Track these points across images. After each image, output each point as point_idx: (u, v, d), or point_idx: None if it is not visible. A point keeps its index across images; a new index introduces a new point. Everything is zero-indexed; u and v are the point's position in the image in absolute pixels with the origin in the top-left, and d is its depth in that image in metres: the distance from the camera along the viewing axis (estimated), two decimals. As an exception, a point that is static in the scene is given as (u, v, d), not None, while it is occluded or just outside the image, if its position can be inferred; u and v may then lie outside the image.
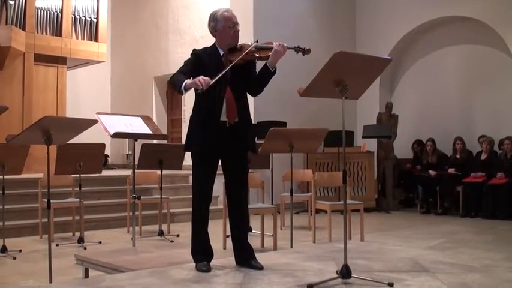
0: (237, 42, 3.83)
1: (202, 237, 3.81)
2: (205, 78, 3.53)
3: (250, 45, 3.75)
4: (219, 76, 3.59)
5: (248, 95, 3.93)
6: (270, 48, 3.71)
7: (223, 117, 3.73)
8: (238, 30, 3.83)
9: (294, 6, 10.36)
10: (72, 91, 11.41)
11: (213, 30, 3.86)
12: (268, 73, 3.75)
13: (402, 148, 10.14)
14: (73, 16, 10.45)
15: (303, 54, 3.84)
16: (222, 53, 3.83)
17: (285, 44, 3.71)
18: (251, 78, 3.83)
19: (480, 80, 9.94)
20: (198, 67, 3.75)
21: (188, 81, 3.61)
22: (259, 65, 3.88)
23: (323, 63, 3.29)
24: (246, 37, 3.97)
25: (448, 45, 10.40)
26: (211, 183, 3.82)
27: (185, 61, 3.87)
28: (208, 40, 3.96)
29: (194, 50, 3.90)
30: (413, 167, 9.83)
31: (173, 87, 3.79)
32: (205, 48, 3.91)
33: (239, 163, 3.85)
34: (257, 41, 3.77)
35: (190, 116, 3.88)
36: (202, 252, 3.77)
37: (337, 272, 3.37)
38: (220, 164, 3.85)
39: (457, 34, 10.22)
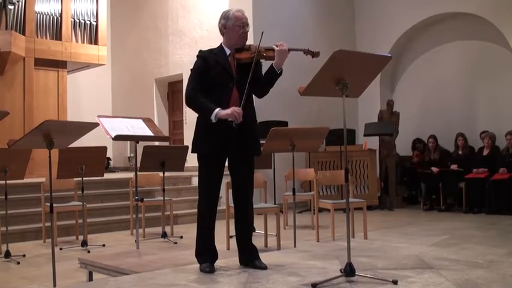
0: (244, 43, 3.83)
1: (207, 239, 3.80)
2: (238, 109, 3.57)
3: (257, 45, 3.74)
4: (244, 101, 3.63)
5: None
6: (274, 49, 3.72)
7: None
8: (247, 32, 3.83)
9: (293, 6, 10.36)
10: (73, 95, 11.41)
11: (223, 28, 3.85)
12: (274, 74, 3.75)
13: (404, 145, 10.13)
14: (73, 20, 10.46)
15: (312, 57, 3.86)
16: (228, 52, 3.82)
17: (285, 44, 3.71)
18: (257, 79, 3.80)
19: (481, 76, 9.93)
20: (205, 71, 3.74)
21: (221, 112, 3.60)
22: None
23: (323, 62, 3.29)
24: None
25: (448, 41, 10.39)
26: (218, 185, 3.81)
27: (192, 69, 3.82)
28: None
29: (200, 51, 3.86)
30: (418, 162, 9.75)
31: (196, 110, 3.76)
32: (211, 49, 3.88)
33: (246, 165, 3.84)
34: (262, 33, 3.72)
35: (197, 118, 3.85)
36: (206, 254, 3.77)
37: (341, 270, 3.37)
38: (226, 165, 3.84)
39: (457, 30, 10.22)
